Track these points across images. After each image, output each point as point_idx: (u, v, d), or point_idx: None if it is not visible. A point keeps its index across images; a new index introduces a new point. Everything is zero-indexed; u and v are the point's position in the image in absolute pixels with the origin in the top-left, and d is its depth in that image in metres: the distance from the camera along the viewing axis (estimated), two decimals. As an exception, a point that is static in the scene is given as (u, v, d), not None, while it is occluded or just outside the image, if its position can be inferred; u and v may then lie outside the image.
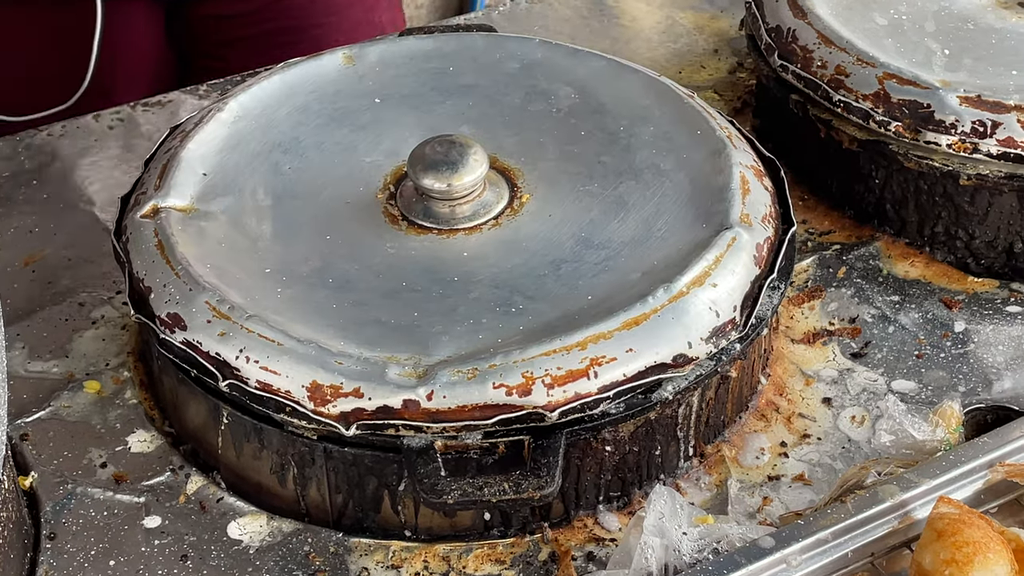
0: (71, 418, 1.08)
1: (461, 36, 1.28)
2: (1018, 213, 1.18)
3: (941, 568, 0.87)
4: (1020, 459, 0.98)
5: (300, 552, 0.98)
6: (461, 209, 1.07)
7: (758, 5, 1.33)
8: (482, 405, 0.92)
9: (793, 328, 1.16)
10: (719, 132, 1.14)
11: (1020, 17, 1.28)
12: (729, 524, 0.97)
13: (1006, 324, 1.15)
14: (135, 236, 1.06)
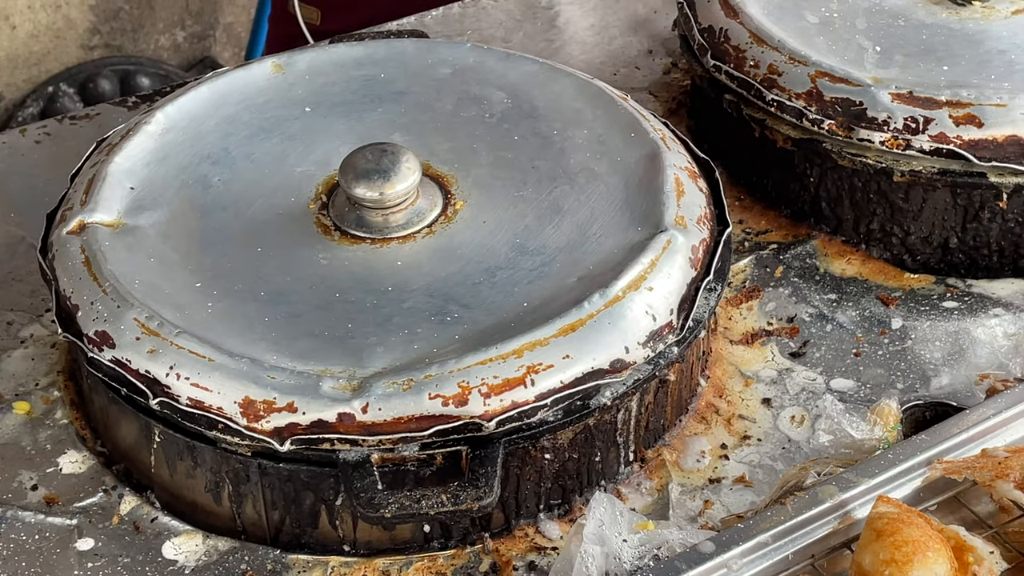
0: (0, 440, 1.06)
1: (392, 42, 1.28)
2: (952, 209, 1.19)
3: (881, 568, 0.87)
4: (958, 456, 0.98)
5: (237, 571, 0.97)
6: (394, 218, 1.06)
7: (690, 5, 1.33)
8: (418, 416, 0.92)
9: (731, 329, 1.16)
10: (653, 134, 1.14)
11: (950, 12, 1.29)
12: (670, 529, 0.97)
13: (943, 320, 1.16)
14: (61, 253, 1.05)
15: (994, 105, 1.15)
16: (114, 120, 1.31)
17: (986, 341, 1.13)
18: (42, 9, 2.74)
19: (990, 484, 0.95)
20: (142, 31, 2.88)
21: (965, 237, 1.20)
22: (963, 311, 1.17)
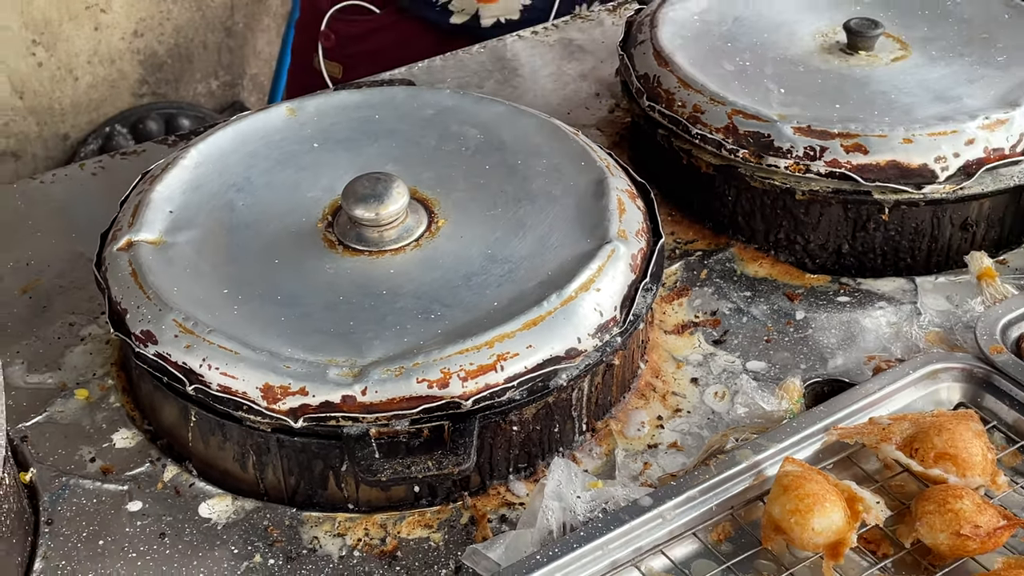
0: (64, 421, 1.06)
1: (385, 89, 1.27)
2: (844, 221, 1.19)
3: (787, 517, 0.87)
4: (850, 423, 0.98)
5: (260, 526, 0.96)
6: (387, 234, 1.05)
7: (629, 56, 1.33)
8: (408, 397, 0.92)
9: (665, 321, 1.15)
10: (599, 163, 1.14)
11: (841, 60, 1.29)
12: (616, 487, 0.97)
13: (837, 311, 1.16)
14: (112, 266, 1.04)
15: (877, 136, 1.15)
16: (157, 155, 1.30)
17: (872, 329, 1.13)
18: (100, 64, 2.73)
19: (876, 446, 0.95)
20: (182, 81, 2.87)
21: (855, 244, 1.20)
22: (854, 304, 1.16)
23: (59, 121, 2.76)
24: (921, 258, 1.20)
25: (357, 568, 0.93)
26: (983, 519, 0.87)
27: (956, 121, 1.16)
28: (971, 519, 0.86)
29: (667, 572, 0.90)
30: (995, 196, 1.18)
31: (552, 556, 0.86)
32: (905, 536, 0.90)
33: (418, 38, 1.57)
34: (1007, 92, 1.21)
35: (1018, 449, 0.99)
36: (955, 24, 1.34)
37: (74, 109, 2.77)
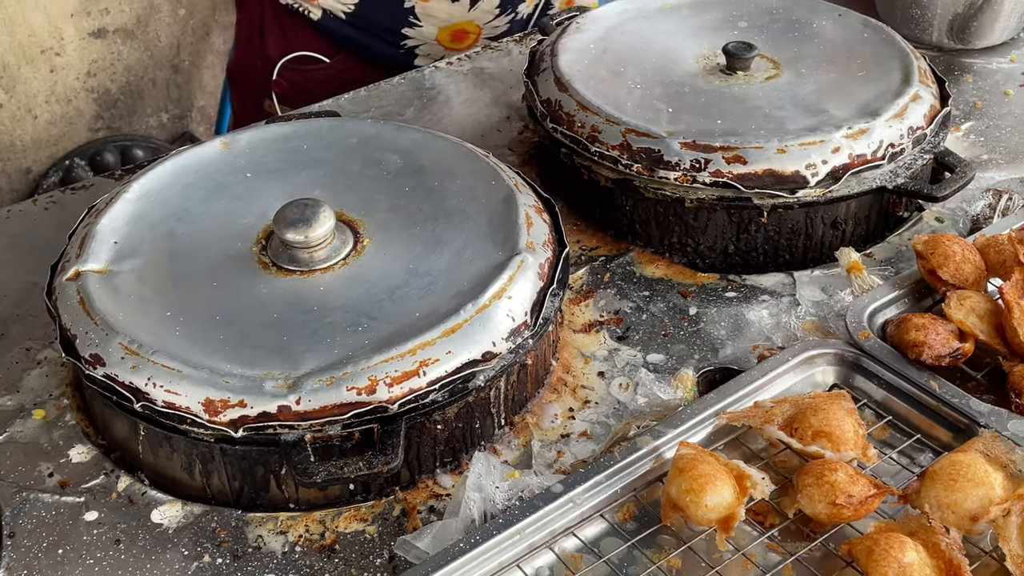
0: (23, 440, 1.03)
1: (311, 121, 1.25)
2: (728, 224, 1.19)
3: (684, 496, 0.88)
4: (738, 407, 0.99)
5: (209, 528, 0.94)
6: (317, 254, 1.04)
7: (533, 83, 1.32)
8: (339, 404, 0.91)
9: (573, 321, 1.15)
10: (508, 181, 1.13)
11: (721, 80, 1.30)
12: (531, 476, 0.97)
13: (726, 306, 1.16)
14: (62, 295, 1.02)
15: (754, 147, 1.16)
16: (104, 189, 1.26)
17: (756, 320, 1.14)
18: (57, 103, 2.67)
19: (761, 427, 0.96)
20: (135, 115, 2.82)
21: (739, 244, 1.21)
22: (740, 299, 1.17)
23: (21, 157, 2.70)
24: (798, 255, 1.21)
25: (299, 562, 0.92)
26: (856, 489, 0.88)
27: (823, 132, 1.18)
28: (845, 490, 0.88)
29: (579, 551, 0.90)
30: (860, 197, 1.19)
31: (474, 543, 0.86)
32: (788, 507, 0.91)
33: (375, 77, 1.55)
34: (867, 104, 1.23)
35: (886, 424, 1.01)
36: (820, 44, 1.36)
37: (35, 145, 2.70)
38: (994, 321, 1.03)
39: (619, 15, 1.43)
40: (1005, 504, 0.86)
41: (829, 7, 1.43)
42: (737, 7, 1.44)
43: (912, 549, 0.83)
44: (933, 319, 1.03)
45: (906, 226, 1.25)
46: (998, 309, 1.03)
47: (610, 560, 0.88)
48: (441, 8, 1.44)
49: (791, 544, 0.89)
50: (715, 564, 0.88)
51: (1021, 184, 1.28)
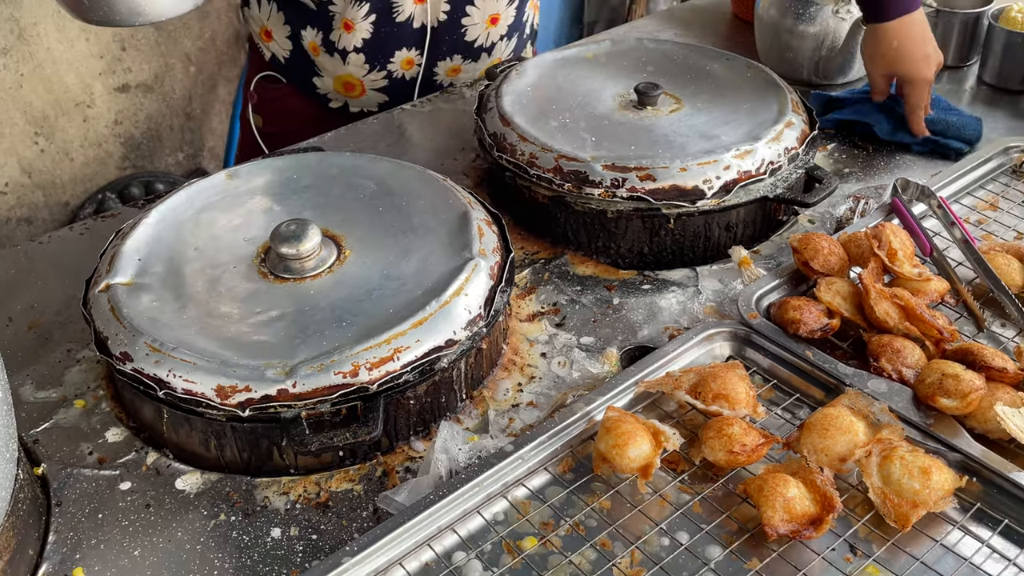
0: (67, 425, 1.01)
1: (300, 155, 1.24)
2: (642, 230, 1.20)
3: (611, 450, 0.88)
4: (653, 377, 1.00)
5: (223, 492, 0.94)
6: (307, 264, 1.03)
7: (482, 119, 1.32)
8: (328, 386, 0.90)
9: (520, 312, 1.15)
10: (463, 200, 1.13)
11: (634, 114, 1.30)
12: (488, 439, 0.97)
13: (642, 296, 1.17)
14: (95, 304, 1.00)
15: (661, 167, 1.17)
16: (129, 216, 1.25)
17: (667, 307, 1.15)
18: (89, 147, 2.63)
19: (671, 393, 0.97)
20: (156, 155, 2.78)
21: (652, 246, 1.21)
22: (654, 290, 1.18)
23: (60, 192, 2.65)
24: (699, 253, 1.22)
25: (299, 517, 0.91)
26: (748, 439, 0.89)
27: (716, 153, 1.19)
28: (740, 440, 0.89)
29: (527, 498, 0.90)
30: (748, 205, 1.20)
31: (441, 495, 0.86)
32: (695, 456, 0.92)
33: (313, 105, 1.55)
34: (751, 130, 1.24)
35: (772, 386, 1.02)
36: (713, 83, 1.37)
37: (72, 182, 2.66)
38: (855, 301, 1.05)
39: (550, 64, 1.43)
40: (867, 447, 0.88)
41: (720, 53, 1.44)
42: (645, 55, 1.45)
43: (794, 485, 0.85)
44: (807, 301, 1.04)
45: (785, 227, 1.27)
46: (858, 292, 1.05)
47: (553, 504, 0.89)
48: (327, 62, 1.47)
49: (698, 485, 0.90)
50: (638, 504, 0.88)
51: (875, 191, 1.29)
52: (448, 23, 1.42)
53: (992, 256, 1.11)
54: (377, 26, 1.40)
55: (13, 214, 2.62)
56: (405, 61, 1.44)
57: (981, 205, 1.28)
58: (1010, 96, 1.55)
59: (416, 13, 1.40)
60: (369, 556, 0.81)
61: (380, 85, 1.47)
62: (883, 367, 0.97)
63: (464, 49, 1.47)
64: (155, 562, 0.87)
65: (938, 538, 0.84)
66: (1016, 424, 0.88)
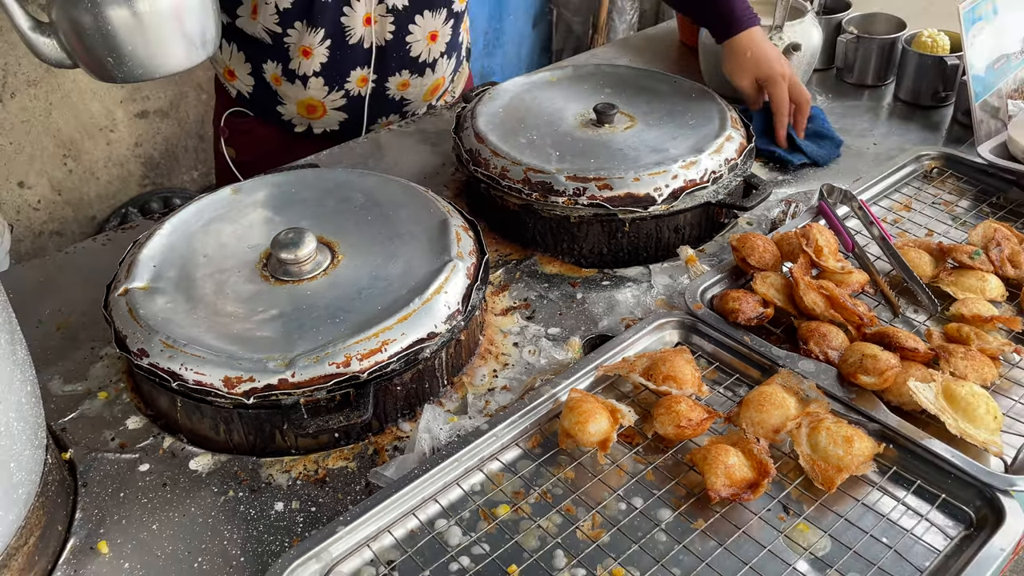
0: (91, 415, 1.00)
1: (298, 172, 1.23)
2: (602, 233, 1.20)
3: (573, 426, 0.89)
4: (611, 362, 1.00)
5: (232, 471, 0.93)
6: (304, 268, 1.02)
7: (459, 137, 1.32)
8: (324, 376, 0.90)
9: (494, 307, 1.15)
10: (443, 209, 1.13)
11: (593, 131, 1.30)
12: (466, 419, 0.97)
13: (603, 291, 1.17)
14: (115, 306, 1.00)
15: (617, 178, 1.17)
16: (145, 228, 1.24)
17: (624, 300, 1.15)
18: (113, 167, 2.60)
19: (627, 375, 0.97)
20: (173, 173, 2.76)
21: (610, 247, 1.22)
22: (612, 285, 1.18)
23: (88, 207, 2.62)
24: (652, 253, 1.23)
25: (300, 492, 0.91)
26: (693, 415, 0.89)
27: (665, 164, 1.19)
28: (686, 416, 0.89)
29: (501, 471, 0.90)
30: (694, 209, 1.21)
31: (425, 469, 0.86)
32: (648, 430, 0.92)
33: (279, 132, 1.53)
34: (696, 144, 1.24)
35: (715, 368, 1.02)
36: (663, 102, 1.37)
37: (98, 199, 2.64)
38: (787, 292, 1.05)
39: (519, 87, 1.43)
40: (797, 419, 0.89)
41: (669, 76, 1.45)
42: (603, 79, 1.45)
43: (734, 454, 0.85)
44: (745, 293, 1.05)
45: (727, 229, 1.27)
46: (790, 284, 1.06)
47: (523, 475, 0.89)
48: (289, 90, 1.46)
49: (651, 456, 0.91)
50: (598, 474, 0.89)
51: (805, 196, 1.30)
52: (394, 42, 1.42)
53: (906, 251, 1.12)
54: (332, 49, 1.40)
55: (46, 228, 2.59)
56: (359, 79, 1.44)
57: (897, 206, 1.29)
58: (922, 111, 1.56)
59: (365, 34, 1.40)
60: (361, 524, 0.81)
61: (339, 104, 1.47)
62: (811, 349, 0.98)
63: (410, 64, 1.47)
64: (171, 535, 0.87)
65: (860, 498, 0.85)
66: (926, 397, 0.89)
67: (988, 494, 0.83)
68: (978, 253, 1.09)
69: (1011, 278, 1.10)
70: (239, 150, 1.57)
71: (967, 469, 0.85)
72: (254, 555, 0.84)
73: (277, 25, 1.37)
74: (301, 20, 1.36)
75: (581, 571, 0.79)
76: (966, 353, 0.95)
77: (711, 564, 0.79)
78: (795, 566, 0.79)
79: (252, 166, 1.54)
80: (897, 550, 0.80)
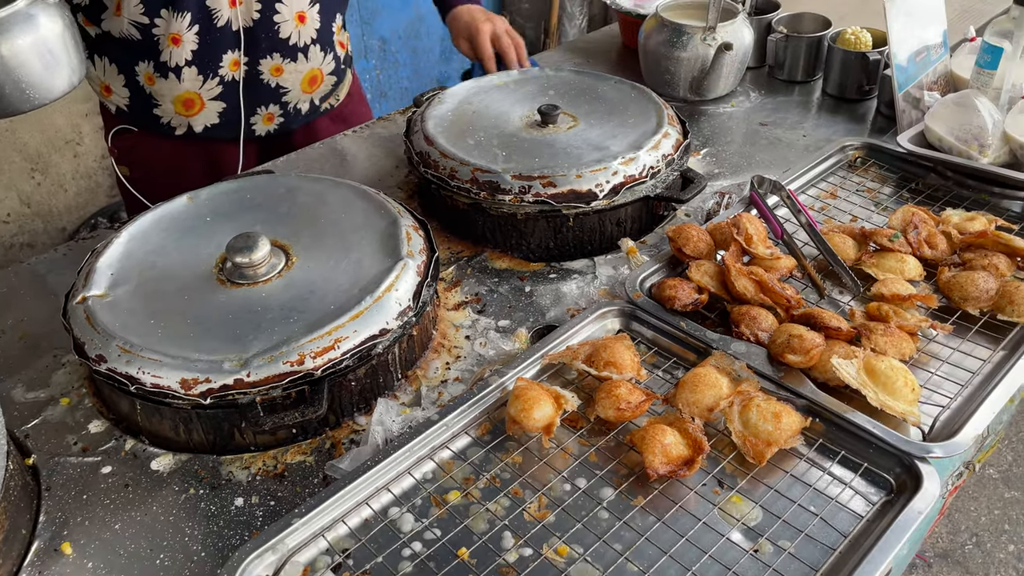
0: (54, 420, 0.99)
1: (252, 178, 1.22)
2: (547, 228, 1.21)
3: (519, 413, 0.89)
4: (556, 351, 1.00)
5: (192, 470, 0.92)
6: (259, 271, 1.01)
7: (410, 141, 1.32)
8: (279, 374, 0.89)
9: (447, 302, 1.15)
10: (393, 210, 1.12)
11: (538, 131, 1.30)
12: (418, 410, 0.97)
13: (550, 284, 1.18)
14: (74, 314, 0.98)
15: (560, 175, 1.18)
16: (105, 237, 1.22)
17: (569, 292, 1.15)
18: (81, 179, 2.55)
19: (570, 363, 0.97)
20: (141, 183, 2.71)
21: (557, 241, 1.22)
22: (559, 278, 1.18)
23: (57, 219, 2.57)
24: (596, 245, 1.23)
25: (259, 487, 0.90)
26: (633, 398, 0.90)
27: (606, 161, 1.20)
28: (625, 399, 0.90)
29: (452, 459, 0.90)
30: (634, 203, 1.22)
31: (377, 460, 0.86)
32: (591, 414, 0.93)
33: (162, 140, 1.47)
34: (635, 141, 1.25)
35: (654, 352, 1.03)
36: (604, 103, 1.38)
37: (67, 210, 2.58)
38: (720, 279, 1.07)
39: (467, 91, 1.43)
40: (729, 398, 0.90)
41: (608, 77, 1.45)
42: (547, 82, 1.46)
43: (670, 433, 0.86)
44: (681, 281, 1.06)
45: (666, 221, 1.28)
46: (723, 271, 1.07)
47: (473, 462, 0.89)
48: (163, 86, 1.39)
49: (594, 439, 0.91)
50: (544, 457, 0.89)
51: (738, 188, 1.32)
52: (262, 21, 1.37)
53: (831, 236, 1.14)
54: (201, 34, 1.35)
55: (16, 240, 2.53)
56: (232, 63, 1.39)
57: (824, 194, 1.31)
58: (848, 104, 1.59)
59: (232, 15, 1.35)
60: (315, 516, 0.80)
61: (215, 93, 1.41)
62: (743, 332, 0.99)
63: (281, 48, 1.41)
64: (133, 533, 0.86)
65: (789, 470, 0.87)
66: (848, 372, 0.91)
67: (907, 461, 0.85)
68: (897, 236, 1.12)
69: (928, 258, 1.12)
70: (131, 167, 1.52)
71: (887, 439, 0.87)
72: (215, 550, 0.84)
73: (143, 15, 1.32)
74: (166, 7, 1.31)
75: (528, 550, 0.79)
76: (886, 330, 0.97)
77: (650, 538, 0.80)
78: (729, 536, 0.80)
79: (146, 181, 1.50)
80: (823, 517, 0.82)
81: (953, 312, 1.06)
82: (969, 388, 0.95)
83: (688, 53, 1.55)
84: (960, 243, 1.13)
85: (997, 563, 2.06)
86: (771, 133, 1.50)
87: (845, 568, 0.76)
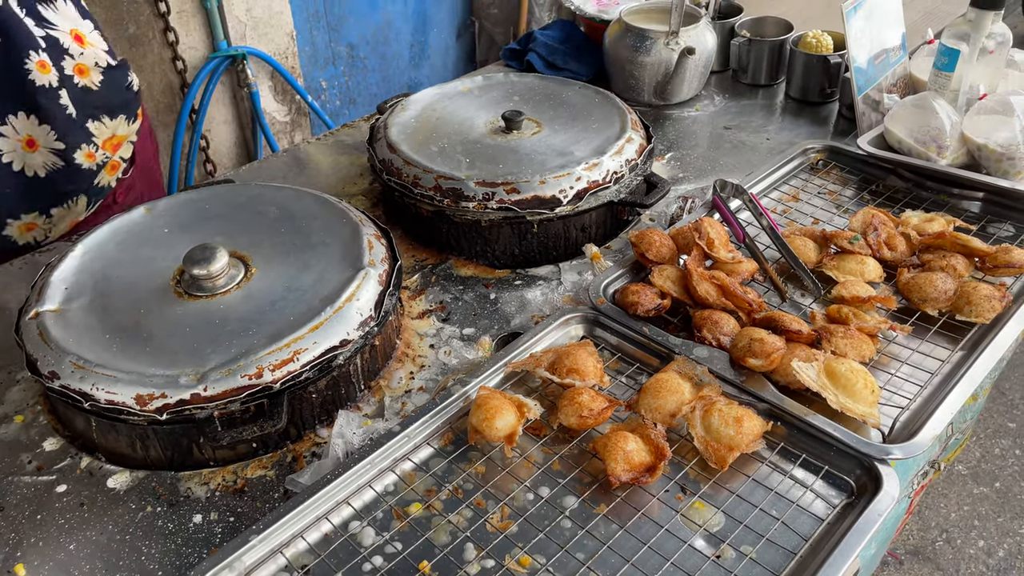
0: (7, 439, 0.97)
1: (212, 188, 1.21)
2: (512, 235, 1.21)
3: (481, 423, 0.88)
4: (520, 359, 1.00)
5: (150, 487, 0.91)
6: (217, 283, 1.00)
7: (373, 148, 1.31)
8: (236, 388, 0.88)
9: (411, 311, 1.15)
10: (354, 218, 1.11)
11: (501, 137, 1.30)
12: (380, 422, 0.96)
13: (515, 291, 1.18)
14: (26, 330, 0.96)
15: (524, 181, 1.18)
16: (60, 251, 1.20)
17: (534, 299, 1.15)
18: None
19: (533, 370, 0.97)
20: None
21: (522, 248, 1.22)
22: (524, 285, 1.18)
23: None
24: (561, 251, 1.24)
25: (219, 503, 0.89)
26: (595, 405, 0.90)
27: (570, 167, 1.20)
28: (588, 406, 0.90)
29: (414, 470, 0.89)
30: (598, 209, 1.22)
31: (337, 473, 0.85)
32: (554, 422, 0.93)
33: None
34: (598, 146, 1.26)
35: (617, 358, 1.03)
36: (568, 108, 1.38)
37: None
38: (683, 284, 1.07)
39: (431, 97, 1.43)
40: (691, 403, 0.90)
41: (573, 83, 1.46)
42: (511, 88, 1.46)
43: (632, 440, 0.86)
44: (643, 286, 1.06)
45: (631, 226, 1.29)
46: (684, 276, 1.08)
47: (435, 473, 0.88)
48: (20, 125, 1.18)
49: (557, 447, 0.91)
50: (507, 466, 0.89)
51: (701, 192, 1.32)
52: None
53: (792, 239, 1.15)
54: None
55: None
56: None
57: (786, 197, 1.32)
58: (811, 107, 1.61)
59: None
60: (273, 532, 0.79)
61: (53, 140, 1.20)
62: (705, 336, 1.00)
63: None
64: (88, 553, 0.84)
65: (751, 474, 0.87)
66: (809, 375, 0.91)
67: (867, 463, 0.86)
68: (857, 238, 1.13)
69: (888, 260, 1.14)
70: None
71: (847, 441, 0.87)
72: (172, 568, 0.82)
73: None
74: None
75: (490, 562, 0.79)
76: (846, 332, 0.97)
77: (612, 547, 0.80)
78: (691, 543, 0.80)
79: None
80: (784, 521, 0.82)
81: (912, 313, 1.07)
82: (928, 388, 0.96)
83: (652, 58, 1.56)
84: (919, 244, 1.15)
85: (967, 558, 2.09)
86: (735, 136, 1.51)
87: (806, 572, 0.77)
